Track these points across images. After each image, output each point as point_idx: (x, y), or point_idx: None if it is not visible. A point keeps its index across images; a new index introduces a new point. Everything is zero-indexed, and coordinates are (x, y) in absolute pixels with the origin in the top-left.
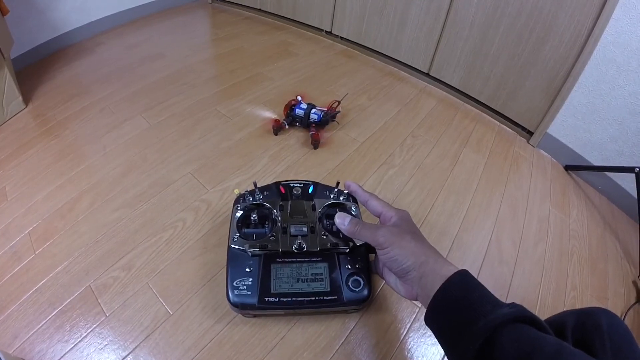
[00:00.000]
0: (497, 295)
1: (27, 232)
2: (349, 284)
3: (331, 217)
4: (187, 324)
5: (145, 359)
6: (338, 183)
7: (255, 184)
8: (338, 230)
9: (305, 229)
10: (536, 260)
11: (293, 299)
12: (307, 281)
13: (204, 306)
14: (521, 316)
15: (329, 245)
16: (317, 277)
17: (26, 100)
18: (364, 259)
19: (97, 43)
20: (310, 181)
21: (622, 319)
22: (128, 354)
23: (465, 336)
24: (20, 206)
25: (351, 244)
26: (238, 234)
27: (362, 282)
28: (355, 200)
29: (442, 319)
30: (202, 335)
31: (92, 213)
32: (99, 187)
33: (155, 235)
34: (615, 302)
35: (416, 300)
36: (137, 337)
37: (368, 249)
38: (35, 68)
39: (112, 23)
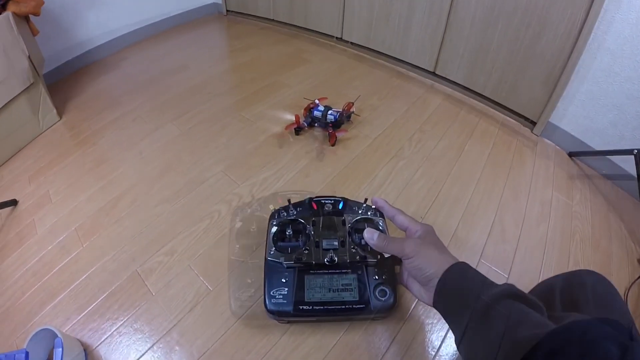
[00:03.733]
0: (500, 270)
1: (73, 228)
2: (376, 293)
3: (360, 231)
4: (226, 298)
5: (190, 327)
6: (366, 199)
7: (289, 201)
8: (366, 244)
9: (336, 243)
10: (538, 239)
11: (325, 307)
12: (337, 291)
13: (240, 282)
14: (510, 293)
15: (357, 258)
16: (346, 287)
17: (60, 113)
18: (390, 270)
19: (121, 58)
20: (340, 197)
21: (626, 294)
22: (174, 325)
23: (465, 315)
24: (64, 207)
25: (379, 256)
26: (274, 248)
27: (388, 292)
28: (382, 215)
29: (445, 303)
30: (239, 306)
31: (135, 209)
32: (139, 187)
33: (194, 225)
34: (619, 278)
35: None
36: (183, 310)
37: (394, 260)
38: (64, 83)
39: (134, 39)
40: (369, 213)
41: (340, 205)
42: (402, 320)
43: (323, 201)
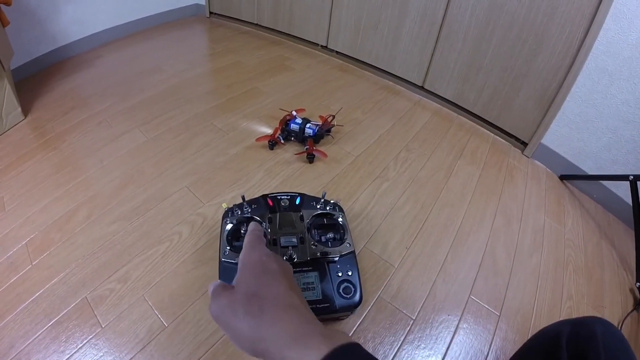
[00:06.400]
0: (491, 307)
1: (24, 242)
2: (340, 291)
3: (319, 227)
4: (182, 337)
5: None
6: (324, 194)
7: (243, 198)
8: (327, 240)
9: (294, 240)
10: (531, 270)
11: None
12: None
13: (199, 319)
14: None
15: (318, 254)
16: (308, 286)
17: (25, 111)
18: (354, 266)
19: (95, 56)
20: (296, 193)
21: (619, 327)
22: None
23: None
24: (17, 217)
25: (342, 252)
26: (229, 248)
27: (352, 289)
28: (341, 210)
29: None
30: (197, 347)
31: (89, 225)
32: (96, 200)
33: (151, 248)
34: (612, 310)
35: None
36: (133, 348)
37: None
38: (34, 79)
39: (111, 36)
40: (327, 208)
41: (298, 201)
42: (372, 326)
43: (279, 197)
